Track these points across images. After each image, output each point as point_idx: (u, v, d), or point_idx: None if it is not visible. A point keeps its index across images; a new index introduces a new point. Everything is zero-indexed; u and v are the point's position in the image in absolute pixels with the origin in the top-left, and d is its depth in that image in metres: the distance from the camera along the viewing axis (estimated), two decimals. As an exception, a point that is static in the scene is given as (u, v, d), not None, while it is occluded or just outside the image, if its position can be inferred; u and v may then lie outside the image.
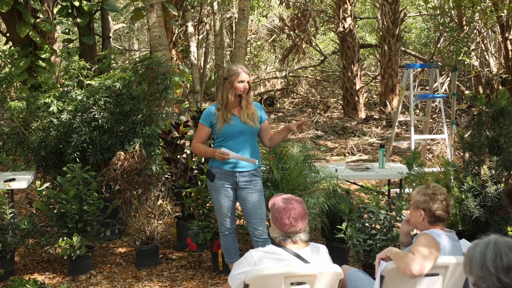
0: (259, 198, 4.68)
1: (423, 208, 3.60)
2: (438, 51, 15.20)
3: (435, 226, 3.57)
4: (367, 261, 4.83)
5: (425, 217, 3.59)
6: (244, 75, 4.61)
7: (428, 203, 3.59)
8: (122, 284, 5.21)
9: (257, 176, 4.70)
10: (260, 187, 4.71)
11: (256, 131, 4.73)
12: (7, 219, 5.30)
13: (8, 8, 9.63)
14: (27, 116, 6.44)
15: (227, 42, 18.83)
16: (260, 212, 4.68)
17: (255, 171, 4.68)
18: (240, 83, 4.60)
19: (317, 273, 3.17)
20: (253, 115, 4.67)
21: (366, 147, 12.21)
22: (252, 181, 4.66)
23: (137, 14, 10.96)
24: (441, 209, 3.56)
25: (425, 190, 3.66)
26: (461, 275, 3.42)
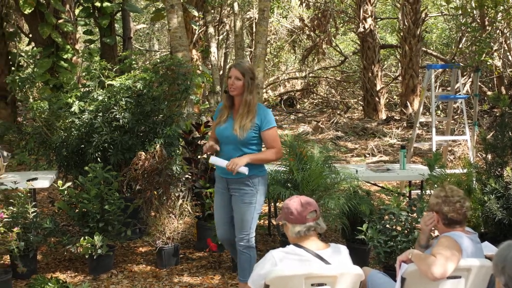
0: (246, 210, 4.38)
1: (436, 211, 3.58)
2: (460, 51, 15.09)
3: (454, 229, 3.52)
4: (387, 262, 4.79)
5: (439, 220, 3.56)
6: (232, 69, 4.31)
7: (440, 205, 3.55)
8: (142, 283, 5.24)
9: (248, 186, 4.34)
10: (248, 200, 4.36)
11: (243, 141, 4.29)
12: (30, 218, 5.35)
13: (31, 9, 9.74)
14: (49, 116, 6.49)
15: (247, 43, 18.84)
16: (240, 225, 4.44)
17: (246, 180, 4.32)
18: (228, 79, 4.34)
19: (338, 274, 3.16)
20: (246, 125, 4.26)
21: (387, 148, 12.14)
22: (241, 190, 4.36)
23: (158, 14, 11.03)
24: (454, 211, 3.51)
25: (438, 192, 3.63)
26: (484, 278, 3.38)
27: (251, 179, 4.34)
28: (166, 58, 7.06)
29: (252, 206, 4.39)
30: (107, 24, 10.28)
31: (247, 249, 4.49)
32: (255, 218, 4.46)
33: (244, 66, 4.33)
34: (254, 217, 4.43)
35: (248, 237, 4.47)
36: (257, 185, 4.37)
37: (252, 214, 4.41)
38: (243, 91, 4.29)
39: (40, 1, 10.06)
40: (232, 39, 17.50)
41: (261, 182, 4.41)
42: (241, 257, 4.52)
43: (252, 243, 4.51)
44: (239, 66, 4.31)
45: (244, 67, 4.31)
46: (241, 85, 4.28)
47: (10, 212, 5.28)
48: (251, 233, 4.47)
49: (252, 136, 4.30)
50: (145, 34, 23.93)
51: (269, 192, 5.45)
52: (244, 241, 4.47)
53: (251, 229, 4.46)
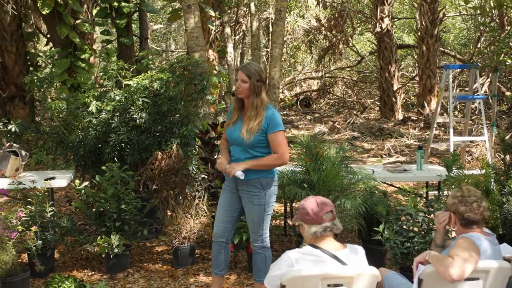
0: (256, 211, 4.39)
1: (452, 211, 3.55)
2: (478, 51, 14.96)
3: (471, 230, 3.49)
4: (404, 264, 4.77)
5: (456, 220, 3.53)
6: (239, 72, 4.30)
7: (457, 206, 3.53)
8: (158, 282, 5.25)
9: (256, 188, 4.33)
10: (257, 201, 4.35)
11: (250, 144, 4.27)
12: (48, 217, 5.39)
13: (49, 10, 9.82)
14: (67, 116, 6.53)
15: (264, 43, 18.84)
16: (253, 227, 4.47)
17: (254, 182, 4.32)
18: (236, 81, 4.35)
19: (355, 275, 3.14)
20: (253, 127, 4.24)
21: (404, 149, 12.08)
22: (249, 192, 4.35)
23: (175, 15, 11.06)
24: (471, 211, 3.48)
25: (455, 193, 3.60)
26: (502, 280, 3.35)
27: (259, 181, 4.33)
28: (183, 58, 7.08)
29: (262, 208, 4.38)
30: (124, 24, 10.34)
31: (261, 250, 4.50)
32: (267, 219, 4.46)
33: (250, 68, 4.30)
34: (265, 218, 4.43)
35: (262, 238, 4.48)
36: (265, 187, 4.35)
37: (263, 215, 4.41)
38: (250, 94, 4.28)
39: (58, 2, 10.14)
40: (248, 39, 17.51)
41: (270, 184, 4.38)
42: (256, 257, 4.54)
43: (267, 244, 4.52)
44: (245, 69, 4.30)
45: (250, 70, 4.28)
46: (247, 87, 4.26)
47: (28, 211, 5.33)
48: (264, 233, 4.48)
49: (260, 140, 4.28)
50: (162, 34, 24.02)
51: (285, 192, 5.45)
52: (258, 242, 4.49)
53: (264, 230, 4.47)
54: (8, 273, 4.74)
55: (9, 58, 13.51)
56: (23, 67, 13.60)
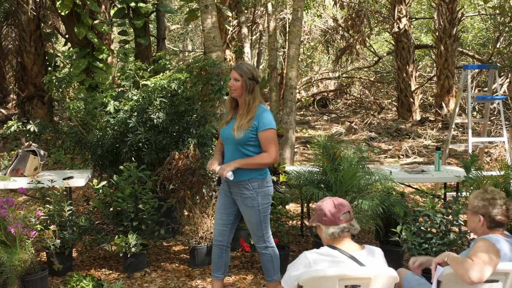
0: (251, 213, 4.38)
1: (482, 214, 3.50)
2: (497, 51, 14.84)
3: (494, 231, 3.47)
4: (422, 265, 4.73)
5: (484, 223, 3.49)
6: (232, 71, 4.35)
7: (487, 208, 3.49)
8: (175, 282, 5.27)
9: (248, 189, 4.32)
10: (250, 203, 4.34)
11: (239, 142, 4.27)
12: (66, 216, 5.42)
13: (67, 11, 9.89)
14: (85, 116, 6.57)
15: (280, 43, 18.83)
16: (252, 228, 4.46)
17: (245, 184, 4.32)
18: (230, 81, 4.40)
19: (372, 276, 3.12)
20: (243, 125, 4.25)
21: (421, 150, 12.01)
22: (242, 194, 4.35)
23: (192, 15, 11.09)
24: (501, 214, 3.46)
25: (483, 195, 3.55)
26: (522, 282, 3.31)
27: (250, 183, 4.32)
28: (200, 59, 7.09)
29: (256, 209, 4.37)
30: (141, 24, 10.37)
31: (266, 250, 4.49)
32: (265, 220, 4.44)
33: (242, 67, 4.35)
34: (262, 219, 4.41)
35: (264, 238, 4.46)
36: (257, 189, 4.34)
37: (259, 216, 4.39)
38: (243, 92, 4.31)
39: (76, 2, 10.21)
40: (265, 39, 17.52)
41: (261, 185, 4.36)
42: (263, 258, 4.54)
43: (270, 243, 4.50)
44: (237, 68, 4.35)
45: (242, 69, 4.32)
46: (240, 86, 4.30)
47: (46, 210, 5.37)
48: (265, 234, 4.46)
49: (250, 137, 4.27)
50: (179, 35, 24.09)
51: (302, 193, 5.44)
52: (261, 243, 4.48)
53: (264, 231, 4.45)
54: (27, 271, 4.78)
55: (28, 58, 13.66)
56: (42, 67, 13.74)
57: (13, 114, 14.82)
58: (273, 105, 10.01)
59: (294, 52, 8.62)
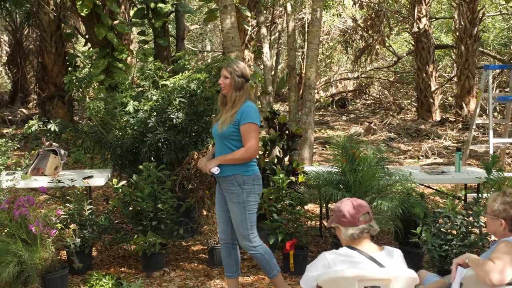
0: (235, 209, 4.40)
1: (503, 217, 3.46)
2: (519, 51, 14.67)
3: (514, 234, 3.43)
4: (442, 267, 4.70)
5: (506, 226, 3.45)
6: (222, 69, 4.46)
7: (508, 211, 3.45)
8: (194, 282, 5.28)
9: (233, 185, 4.35)
10: (236, 199, 4.37)
11: (222, 136, 4.35)
12: (86, 215, 5.46)
13: (87, 11, 9.96)
14: (104, 116, 6.61)
15: (299, 43, 18.80)
16: (236, 227, 4.46)
17: (231, 180, 4.35)
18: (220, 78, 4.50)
19: (392, 278, 3.10)
20: (226, 119, 4.34)
21: (441, 150, 11.91)
22: (228, 190, 4.39)
23: (211, 15, 11.11)
24: None
25: (503, 198, 3.51)
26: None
27: (235, 178, 4.36)
28: (219, 59, 7.10)
29: (241, 205, 4.37)
30: (161, 25, 10.42)
31: (254, 249, 4.46)
32: (249, 218, 4.41)
33: (232, 65, 4.44)
34: (247, 216, 4.40)
35: (249, 238, 4.43)
36: (242, 185, 4.36)
37: (243, 214, 4.39)
38: (231, 89, 4.40)
39: (96, 3, 10.28)
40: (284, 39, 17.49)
41: (247, 181, 4.37)
42: (255, 258, 4.54)
43: (256, 242, 4.46)
44: (227, 66, 4.46)
45: (232, 66, 4.42)
46: (228, 83, 4.41)
47: (67, 209, 5.41)
48: (250, 234, 4.43)
49: (232, 131, 4.33)
50: (198, 35, 24.15)
51: (321, 193, 5.42)
52: (247, 242, 4.45)
53: (250, 230, 4.42)
54: (48, 269, 4.82)
55: (49, 59, 13.78)
56: (62, 67, 13.86)
57: (34, 113, 14.96)
58: (291, 105, 9.99)
59: (313, 52, 8.60)
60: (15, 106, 18.60)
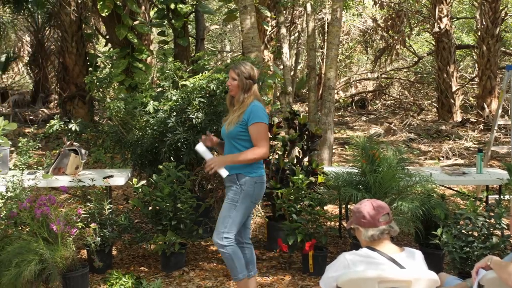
0: (226, 205, 4.39)
1: None
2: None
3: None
4: (463, 269, 4.65)
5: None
6: (230, 71, 4.46)
7: None
8: (213, 281, 5.28)
9: (235, 183, 4.36)
10: (231, 197, 4.38)
11: (230, 136, 4.38)
12: (106, 214, 5.49)
13: (108, 12, 10.02)
14: (124, 115, 6.64)
15: (319, 43, 18.75)
16: (218, 220, 4.44)
17: (234, 178, 4.37)
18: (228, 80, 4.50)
19: (413, 279, 3.08)
20: (233, 119, 4.37)
21: (462, 151, 11.80)
22: (229, 187, 4.42)
23: (230, 15, 11.11)
24: None
25: None
26: None
27: (238, 178, 4.36)
28: (239, 59, 7.10)
29: (233, 204, 4.36)
30: (181, 25, 10.44)
31: (223, 248, 4.40)
32: (234, 218, 4.37)
33: (240, 67, 4.43)
34: (232, 216, 4.36)
35: (222, 236, 4.38)
36: (243, 185, 4.35)
37: (231, 212, 4.37)
38: (239, 91, 4.41)
39: (117, 4, 10.34)
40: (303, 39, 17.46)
41: (248, 183, 4.35)
42: (223, 256, 4.49)
43: (227, 242, 4.38)
44: (235, 67, 4.45)
45: (240, 68, 4.42)
46: (236, 85, 4.41)
47: (87, 208, 5.45)
48: (225, 232, 4.37)
49: (239, 131, 4.33)
50: (217, 35, 24.19)
51: (341, 194, 5.40)
52: (217, 237, 4.40)
53: (227, 228, 4.37)
54: (69, 268, 4.86)
55: (70, 59, 13.91)
56: (83, 67, 13.98)
57: (55, 113, 15.08)
58: (311, 105, 9.96)
59: (333, 52, 8.57)
60: (36, 106, 18.80)
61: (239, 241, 4.62)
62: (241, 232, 4.60)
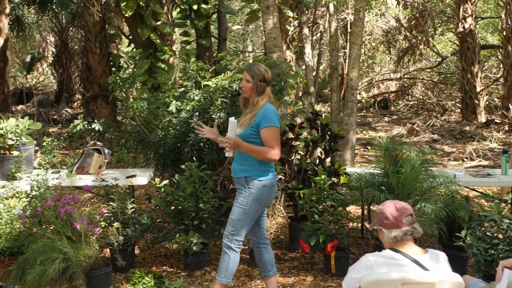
0: (235, 209, 4.38)
1: None
2: None
3: None
4: (488, 271, 4.59)
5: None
6: (244, 72, 4.44)
7: None
8: (235, 282, 5.28)
9: (244, 186, 4.35)
10: (241, 200, 4.36)
11: (242, 138, 4.29)
12: (129, 214, 5.53)
13: (131, 12, 10.08)
14: (147, 115, 6.67)
15: (341, 43, 18.68)
16: (228, 222, 4.43)
17: (243, 181, 4.36)
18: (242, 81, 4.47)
19: (437, 282, 3.05)
20: (245, 121, 4.37)
21: (486, 153, 11.66)
22: (238, 190, 4.42)
23: (253, 16, 11.13)
24: None
25: None
26: None
27: (247, 181, 4.34)
28: (261, 59, 7.10)
29: (242, 208, 4.35)
30: (203, 25, 10.47)
31: (228, 249, 4.42)
32: (244, 222, 4.37)
33: (254, 69, 4.40)
34: (242, 219, 4.36)
35: (232, 238, 4.40)
36: (252, 189, 4.33)
37: (240, 216, 4.36)
38: (253, 93, 4.39)
39: (140, 4, 10.40)
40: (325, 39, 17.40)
41: (257, 187, 4.33)
42: (222, 256, 4.48)
43: (234, 245, 4.41)
44: (249, 69, 4.42)
45: (254, 70, 4.39)
46: (250, 87, 4.39)
47: (110, 208, 5.48)
48: (235, 235, 4.39)
49: (250, 134, 4.32)
50: (239, 35, 24.22)
51: (363, 195, 5.37)
52: (227, 240, 4.42)
53: (237, 231, 4.38)
54: (92, 266, 4.89)
55: (93, 59, 14.02)
56: (106, 67, 14.08)
57: (79, 113, 15.21)
58: (333, 106, 9.93)
59: (356, 52, 8.53)
60: (60, 106, 19.00)
61: (255, 241, 4.65)
62: (255, 232, 4.61)
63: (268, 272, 4.65)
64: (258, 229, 4.62)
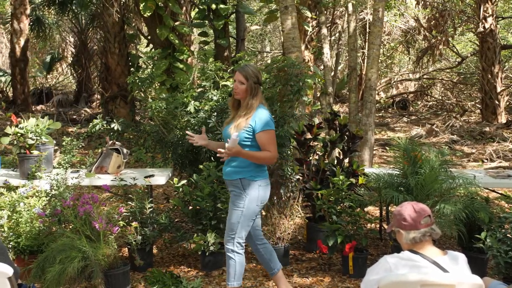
0: (233, 212, 4.36)
1: None
2: None
3: None
4: (508, 274, 4.55)
5: None
6: (236, 73, 4.36)
7: None
8: (252, 282, 5.28)
9: (238, 188, 4.33)
10: (237, 202, 4.34)
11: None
12: (147, 213, 5.55)
13: (150, 13, 10.13)
14: (166, 115, 6.69)
15: (360, 44, 18.60)
16: (228, 226, 4.42)
17: (237, 183, 4.33)
18: (234, 82, 4.40)
19: (456, 283, 3.02)
20: (240, 123, 4.29)
21: (507, 154, 11.55)
22: (232, 192, 4.39)
23: (271, 16, 11.12)
24: None
25: None
26: None
27: (241, 182, 4.32)
28: (279, 59, 7.09)
29: (239, 210, 4.33)
30: (221, 25, 10.49)
31: (232, 253, 4.42)
32: (243, 223, 4.36)
33: (248, 70, 4.35)
34: (241, 221, 4.34)
35: (233, 241, 4.39)
36: (247, 190, 4.31)
37: (239, 218, 4.34)
38: (247, 95, 4.34)
39: (159, 5, 10.44)
40: (344, 39, 17.35)
41: (252, 187, 4.32)
42: (227, 261, 4.48)
43: (237, 248, 4.41)
44: (242, 70, 4.35)
45: (248, 72, 4.34)
46: (244, 89, 4.34)
47: (129, 207, 5.51)
48: (236, 237, 4.38)
49: (245, 137, 4.28)
50: (257, 36, 24.22)
51: (381, 196, 5.34)
52: (229, 244, 4.41)
53: (237, 234, 4.37)
54: (110, 266, 4.92)
55: (112, 59, 14.09)
56: (125, 67, 14.15)
57: (98, 113, 15.32)
58: (352, 106, 9.89)
59: (374, 52, 8.48)
60: (79, 106, 19.14)
61: (252, 243, 4.66)
62: (251, 234, 4.61)
63: (273, 270, 4.66)
64: (253, 230, 4.61)
